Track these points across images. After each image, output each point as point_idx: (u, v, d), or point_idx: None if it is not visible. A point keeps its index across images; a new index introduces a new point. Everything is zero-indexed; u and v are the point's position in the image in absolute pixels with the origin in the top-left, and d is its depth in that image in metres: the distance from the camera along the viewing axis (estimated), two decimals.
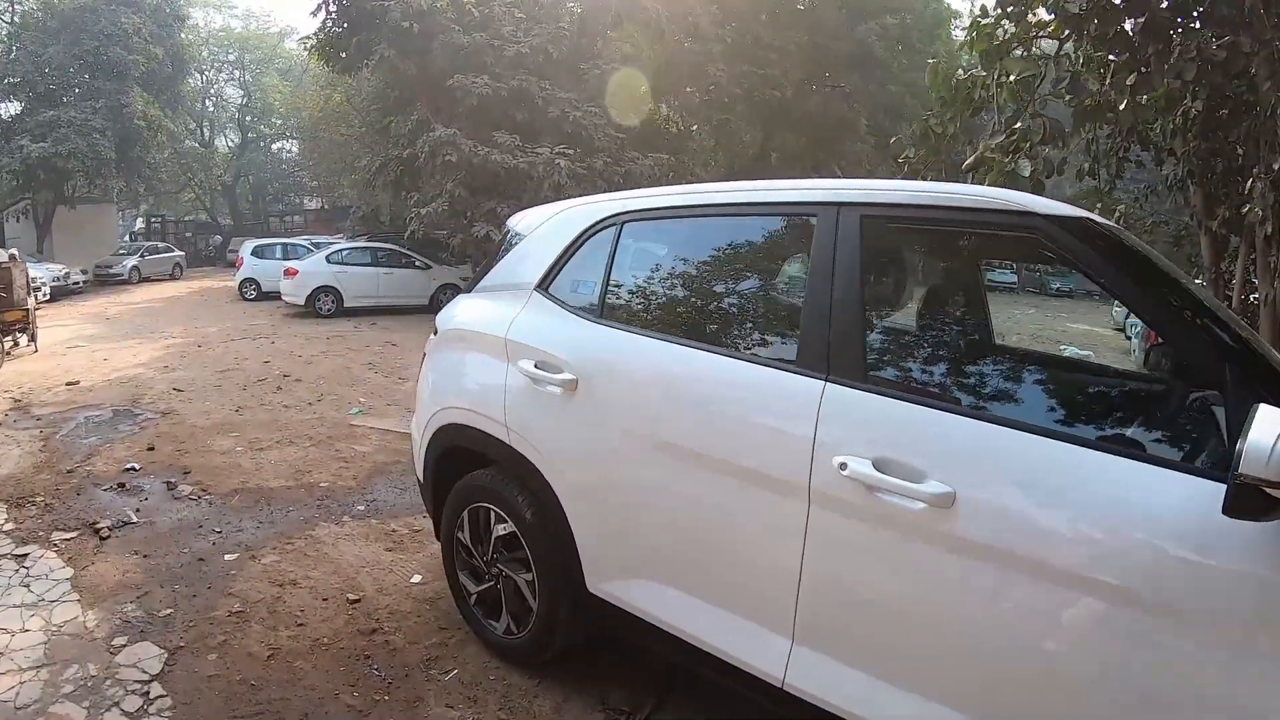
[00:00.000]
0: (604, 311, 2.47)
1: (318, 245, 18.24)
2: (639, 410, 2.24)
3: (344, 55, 15.42)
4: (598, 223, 2.59)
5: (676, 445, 2.11)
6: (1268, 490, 1.25)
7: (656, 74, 15.28)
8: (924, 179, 5.86)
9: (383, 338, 12.19)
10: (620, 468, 2.26)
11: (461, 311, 2.98)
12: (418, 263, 15.73)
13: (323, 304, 14.89)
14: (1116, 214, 6.03)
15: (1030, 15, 5.00)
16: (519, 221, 2.99)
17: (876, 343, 2.08)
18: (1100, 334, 3.86)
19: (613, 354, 2.34)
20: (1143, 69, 4.31)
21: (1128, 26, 4.44)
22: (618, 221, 2.54)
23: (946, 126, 5.72)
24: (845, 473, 1.75)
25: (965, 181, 5.30)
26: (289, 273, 15.08)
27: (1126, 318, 3.00)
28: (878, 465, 1.72)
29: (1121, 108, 4.61)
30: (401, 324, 13.79)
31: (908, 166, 6.05)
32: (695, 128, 19.17)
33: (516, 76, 13.46)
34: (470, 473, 2.79)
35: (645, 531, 2.23)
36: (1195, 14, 4.41)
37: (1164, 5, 4.38)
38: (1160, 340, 1.90)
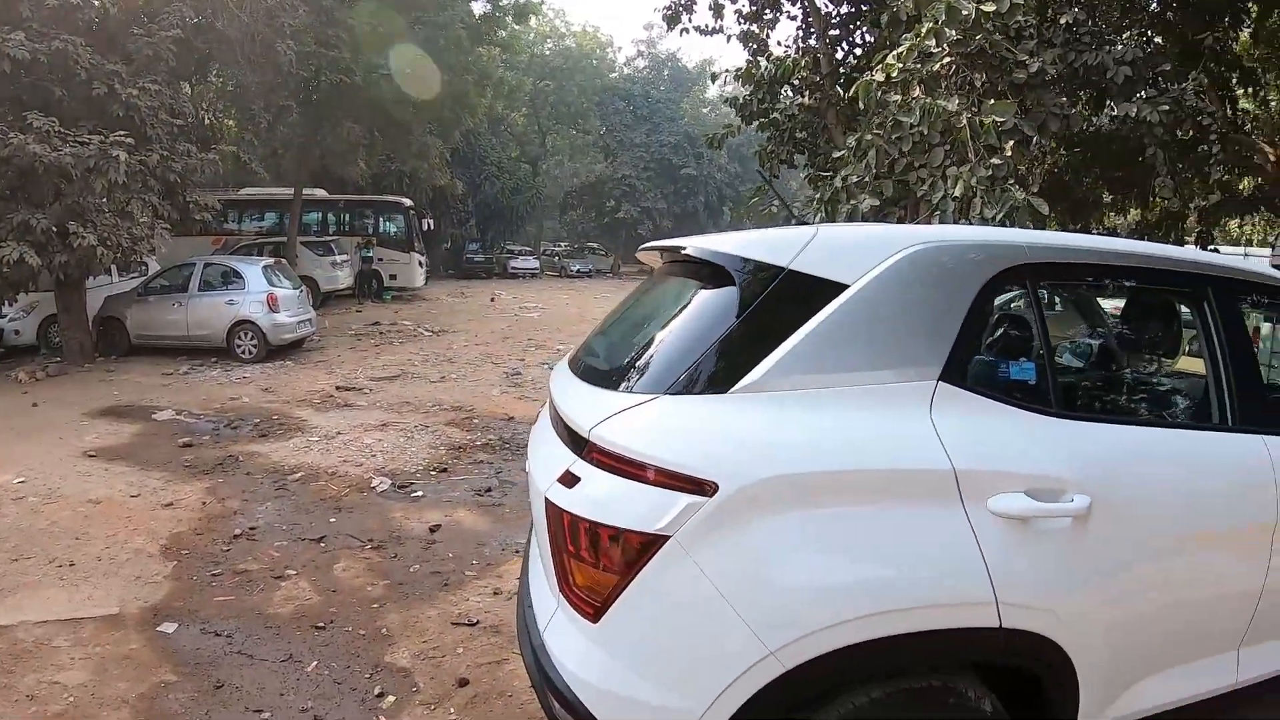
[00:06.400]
0: (1060, 401, 1.99)
1: None
2: (1166, 516, 2.03)
3: None
4: (1002, 274, 1.96)
5: (1190, 537, 2.08)
6: None
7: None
8: (856, 204, 5.99)
9: None
10: (1143, 587, 1.99)
11: (776, 438, 1.70)
12: None
13: None
14: None
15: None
16: (795, 252, 1.86)
17: None
18: None
19: (1123, 455, 1.98)
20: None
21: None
22: (1028, 275, 2.02)
23: (895, 147, 5.85)
24: None
25: (936, 201, 5.63)
26: None
27: None
28: None
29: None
30: None
31: (843, 184, 6.18)
32: (218, 115, 15.90)
33: (60, 36, 9.63)
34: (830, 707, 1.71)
35: (1154, 638, 2.06)
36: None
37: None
38: None
